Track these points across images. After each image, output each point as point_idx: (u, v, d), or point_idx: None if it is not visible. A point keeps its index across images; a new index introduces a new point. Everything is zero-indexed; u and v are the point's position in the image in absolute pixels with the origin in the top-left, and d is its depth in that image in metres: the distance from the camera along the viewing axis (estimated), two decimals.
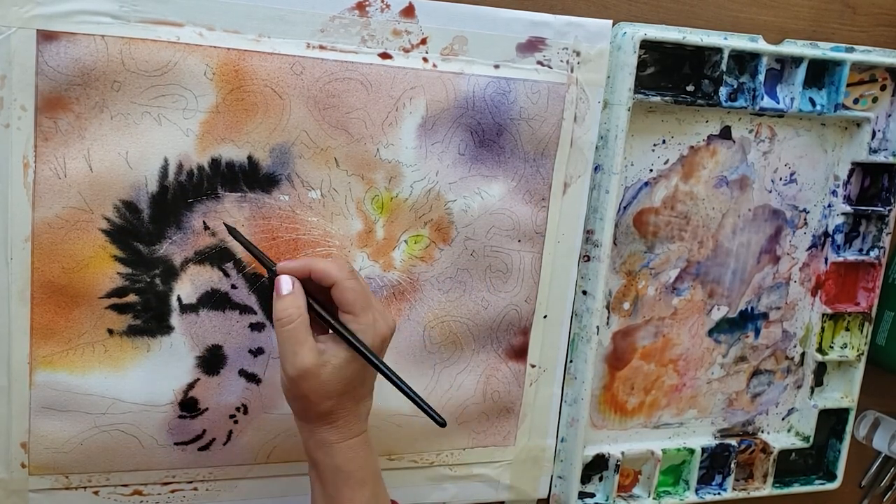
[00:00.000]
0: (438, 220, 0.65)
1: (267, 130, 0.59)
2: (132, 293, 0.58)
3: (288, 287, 0.54)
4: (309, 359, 0.52)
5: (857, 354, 0.81)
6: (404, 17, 0.61)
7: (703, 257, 0.75)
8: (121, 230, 0.57)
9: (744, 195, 0.75)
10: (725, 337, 0.78)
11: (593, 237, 0.70)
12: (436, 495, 0.71)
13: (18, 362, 0.57)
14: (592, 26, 0.66)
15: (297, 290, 0.54)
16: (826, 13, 0.75)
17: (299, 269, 0.55)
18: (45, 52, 0.54)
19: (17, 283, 0.56)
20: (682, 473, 0.80)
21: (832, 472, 0.84)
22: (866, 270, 0.81)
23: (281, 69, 0.59)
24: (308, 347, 0.52)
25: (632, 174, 0.71)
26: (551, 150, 0.67)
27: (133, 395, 0.60)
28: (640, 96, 0.68)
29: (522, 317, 0.69)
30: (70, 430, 0.59)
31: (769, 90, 0.73)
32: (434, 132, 0.63)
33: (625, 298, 0.74)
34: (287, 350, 0.53)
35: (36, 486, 0.60)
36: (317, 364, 0.52)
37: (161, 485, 0.63)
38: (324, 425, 0.54)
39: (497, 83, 0.64)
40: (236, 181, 0.59)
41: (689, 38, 0.68)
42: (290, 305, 0.53)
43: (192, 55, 0.57)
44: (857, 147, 0.77)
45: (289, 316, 0.53)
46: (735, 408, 0.81)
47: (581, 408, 0.72)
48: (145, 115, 0.57)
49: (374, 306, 0.56)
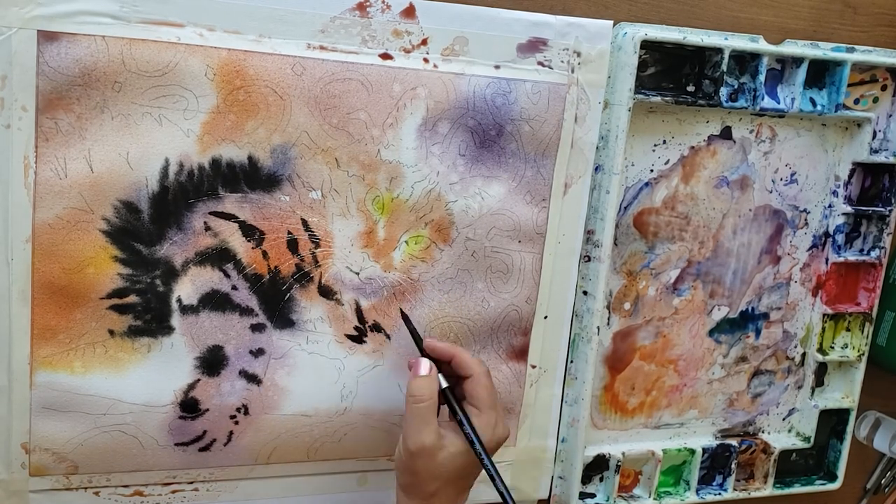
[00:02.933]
0: (439, 221, 0.65)
1: (268, 131, 0.59)
2: (133, 294, 0.58)
3: (426, 370, 0.59)
4: (430, 439, 0.56)
5: (857, 355, 0.81)
6: (405, 18, 0.61)
7: (704, 257, 0.75)
8: (121, 231, 0.57)
9: (744, 195, 0.75)
10: (726, 337, 0.78)
11: (594, 237, 0.70)
12: None
13: (19, 363, 0.57)
14: (593, 27, 0.66)
15: (433, 375, 0.59)
16: (827, 13, 0.75)
17: (444, 352, 0.61)
18: (46, 53, 0.54)
19: (17, 283, 0.56)
20: (682, 474, 0.80)
21: (833, 472, 0.84)
22: (867, 271, 0.81)
23: (281, 70, 0.59)
24: (432, 428, 0.57)
25: (632, 174, 0.71)
26: (552, 151, 0.67)
27: (133, 395, 0.60)
28: (640, 96, 0.68)
29: (523, 317, 0.69)
30: (71, 431, 0.59)
31: (770, 90, 0.73)
32: (435, 133, 0.63)
33: (625, 299, 0.74)
34: (413, 425, 0.57)
35: (36, 486, 0.60)
36: (435, 446, 0.57)
37: (162, 485, 0.63)
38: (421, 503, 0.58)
39: (498, 84, 0.64)
40: (237, 182, 0.59)
41: (689, 39, 0.68)
42: (424, 386, 0.58)
43: (192, 56, 0.57)
44: (857, 147, 0.77)
45: (422, 395, 0.57)
46: (736, 408, 0.81)
47: (582, 408, 0.72)
48: (146, 115, 0.57)
49: (499, 410, 0.60)
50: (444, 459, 0.57)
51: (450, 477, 0.58)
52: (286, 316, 0.62)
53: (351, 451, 0.67)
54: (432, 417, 0.57)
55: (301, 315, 0.63)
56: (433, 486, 0.57)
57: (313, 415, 0.65)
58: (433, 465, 0.57)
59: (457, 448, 0.57)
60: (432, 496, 0.58)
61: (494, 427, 0.59)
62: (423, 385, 0.58)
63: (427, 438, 0.56)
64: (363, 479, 0.69)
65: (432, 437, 0.56)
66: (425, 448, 0.56)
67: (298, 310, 0.63)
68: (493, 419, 0.59)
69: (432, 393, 0.58)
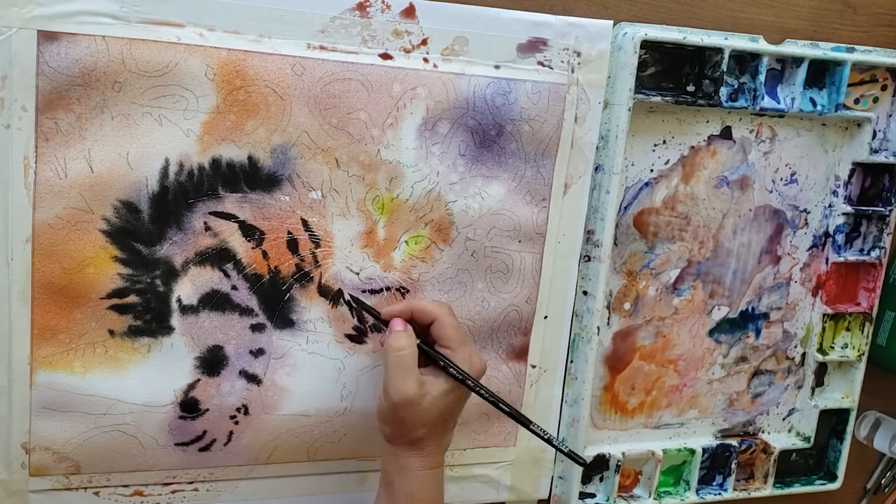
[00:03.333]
0: (439, 221, 0.65)
1: (267, 131, 0.59)
2: (133, 294, 0.58)
3: (402, 325, 0.59)
4: (413, 388, 0.57)
5: (857, 355, 0.81)
6: (405, 18, 0.61)
7: (704, 257, 0.75)
8: (121, 231, 0.57)
9: (744, 195, 0.75)
10: (726, 337, 0.78)
11: (594, 237, 0.70)
12: None
13: (19, 363, 0.57)
14: (593, 27, 0.66)
15: (409, 331, 0.59)
16: (827, 13, 0.75)
17: (404, 310, 0.61)
18: (46, 53, 0.54)
19: (17, 283, 0.56)
20: (682, 474, 0.80)
21: (833, 472, 0.84)
22: (867, 270, 0.81)
23: (281, 70, 0.59)
24: (413, 378, 0.57)
25: (632, 174, 0.71)
26: (552, 151, 0.67)
27: (133, 395, 0.60)
28: (640, 96, 0.68)
29: (523, 317, 0.69)
30: (71, 431, 0.59)
31: (770, 90, 0.73)
32: (435, 133, 0.63)
33: (625, 299, 0.74)
34: (394, 376, 0.57)
35: (36, 486, 0.60)
36: (419, 394, 0.57)
37: (162, 485, 0.63)
38: (411, 451, 0.59)
39: (498, 84, 0.64)
40: (237, 181, 0.59)
41: (689, 39, 0.68)
42: (401, 337, 0.58)
43: (192, 56, 0.57)
44: (857, 147, 0.77)
45: (400, 346, 0.58)
46: (736, 408, 0.81)
47: (581, 408, 0.72)
48: (146, 115, 0.57)
49: (470, 344, 0.60)
50: (429, 405, 0.57)
51: (434, 420, 0.58)
52: (286, 316, 0.62)
53: (351, 451, 0.67)
54: (414, 367, 0.57)
55: (301, 315, 0.63)
56: (420, 432, 0.58)
57: (313, 415, 0.65)
58: (417, 413, 0.57)
59: (439, 391, 0.58)
60: (419, 441, 0.58)
61: (471, 360, 0.59)
62: (402, 337, 0.58)
63: (410, 388, 0.57)
64: (363, 479, 0.69)
65: (415, 387, 0.57)
66: (409, 398, 0.57)
67: (298, 310, 0.63)
68: (467, 353, 0.59)
69: (411, 343, 0.58)
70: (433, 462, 0.59)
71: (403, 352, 0.58)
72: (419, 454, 0.59)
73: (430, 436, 0.59)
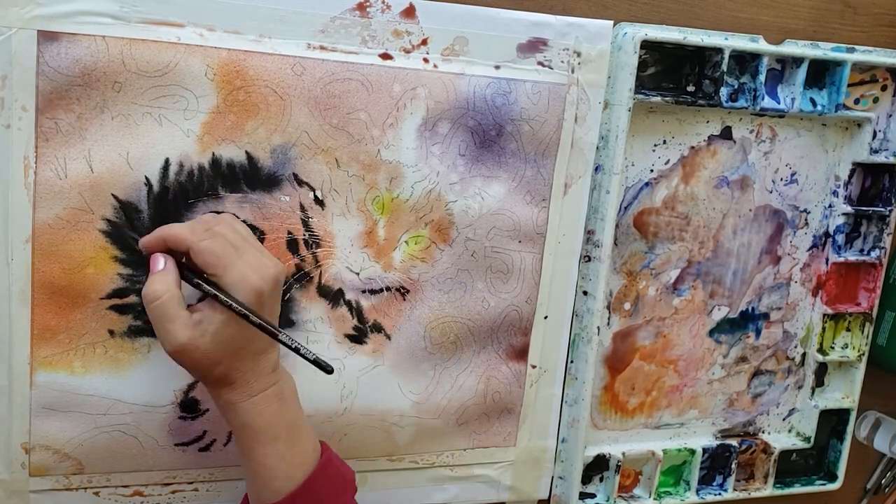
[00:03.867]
0: (439, 221, 0.65)
1: (268, 131, 0.59)
2: (133, 294, 0.58)
3: (160, 264, 0.53)
4: (183, 333, 0.51)
5: (857, 355, 0.81)
6: (405, 18, 0.61)
7: (704, 258, 0.75)
8: (121, 231, 0.57)
9: (744, 195, 0.75)
10: (726, 337, 0.78)
11: (594, 237, 0.70)
12: (437, 496, 0.71)
13: (19, 363, 0.57)
14: (593, 27, 0.66)
15: (168, 267, 0.53)
16: (827, 13, 0.75)
17: (155, 242, 0.54)
18: (46, 53, 0.54)
19: (17, 283, 0.56)
20: (682, 474, 0.80)
21: (833, 472, 0.84)
22: (867, 271, 0.81)
23: (282, 70, 0.59)
24: (181, 322, 0.51)
25: (632, 174, 0.71)
26: (552, 151, 0.67)
27: (134, 395, 0.60)
28: (640, 97, 0.68)
29: (523, 317, 0.69)
30: (71, 431, 0.59)
31: (770, 90, 0.73)
32: (435, 133, 0.63)
33: (625, 299, 0.74)
34: (160, 328, 0.52)
35: (36, 486, 0.60)
36: (192, 337, 0.51)
37: (162, 485, 0.63)
38: (223, 387, 0.53)
39: (498, 84, 0.64)
40: (237, 181, 0.59)
41: (689, 39, 0.68)
42: (156, 282, 0.52)
43: (192, 56, 0.57)
44: (857, 147, 0.77)
45: (154, 292, 0.52)
46: (736, 408, 0.81)
47: (582, 408, 0.72)
48: (146, 115, 0.57)
49: (246, 258, 0.53)
50: (212, 342, 0.52)
51: (230, 352, 0.53)
52: (286, 316, 0.62)
53: (351, 451, 0.67)
54: (178, 311, 0.51)
55: (301, 315, 0.63)
56: (219, 369, 0.53)
57: (313, 415, 0.64)
58: (203, 355, 0.52)
59: (217, 324, 0.52)
60: (225, 377, 0.53)
61: (244, 280, 0.52)
62: (155, 280, 0.52)
63: (181, 334, 0.51)
64: (363, 479, 0.69)
65: (186, 331, 0.51)
66: (184, 345, 0.51)
67: (298, 310, 0.63)
68: (237, 274, 0.52)
69: (168, 285, 0.52)
70: (254, 389, 0.54)
71: (159, 300, 0.51)
72: (233, 388, 0.53)
73: (234, 368, 0.53)
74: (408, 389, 0.67)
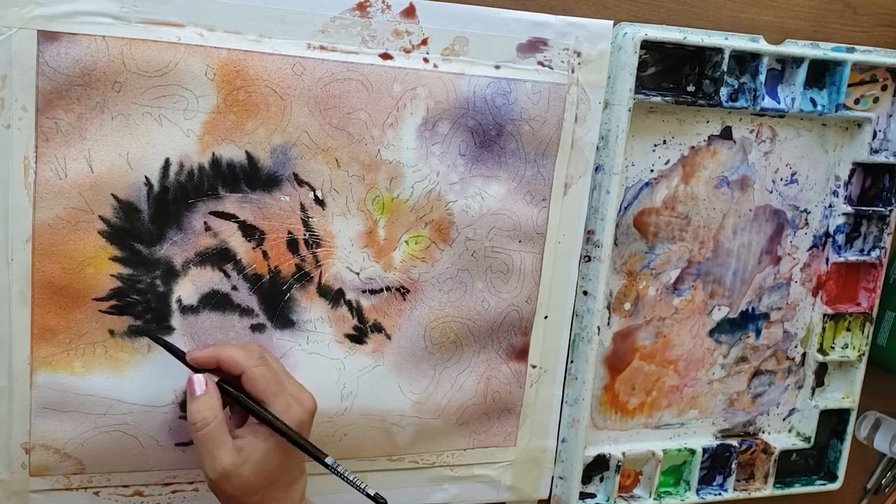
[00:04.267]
0: (439, 221, 0.65)
1: (268, 131, 0.59)
2: (133, 294, 0.58)
3: (201, 387, 0.54)
4: (228, 460, 0.52)
5: (858, 355, 0.81)
6: (405, 18, 0.61)
7: (704, 258, 0.75)
8: (121, 231, 0.57)
9: (744, 195, 0.75)
10: (726, 337, 0.78)
11: (594, 237, 0.70)
12: (437, 496, 0.71)
13: (19, 363, 0.57)
14: (593, 27, 0.66)
15: (210, 390, 0.54)
16: (827, 13, 0.75)
17: (207, 360, 0.55)
18: (46, 53, 0.54)
19: (17, 283, 0.56)
20: (682, 474, 0.80)
21: (833, 472, 0.84)
22: (867, 271, 0.81)
23: (282, 70, 0.59)
24: (226, 449, 0.52)
25: (632, 174, 0.71)
26: (552, 151, 0.67)
27: (134, 395, 0.60)
28: (640, 97, 0.68)
29: (523, 317, 0.69)
30: (71, 431, 0.59)
31: (770, 90, 0.73)
32: (435, 133, 0.63)
33: (625, 299, 0.74)
34: (205, 454, 0.53)
35: (36, 486, 0.60)
36: (236, 464, 0.52)
37: (162, 485, 0.63)
38: None
39: (498, 84, 0.64)
40: (237, 181, 0.59)
41: (689, 39, 0.68)
42: (203, 408, 0.53)
43: (192, 56, 0.57)
44: (857, 147, 0.77)
45: (203, 419, 0.53)
46: (736, 408, 0.81)
47: (582, 408, 0.72)
48: (146, 115, 0.57)
49: (288, 390, 0.56)
50: (253, 471, 0.53)
51: (268, 483, 0.54)
52: (286, 316, 0.62)
53: (351, 451, 0.67)
54: (223, 437, 0.52)
55: (301, 315, 0.63)
56: (254, 499, 0.53)
57: None
58: (244, 483, 0.52)
59: (260, 453, 0.53)
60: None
61: (288, 411, 0.54)
62: (203, 405, 0.53)
63: (226, 460, 0.52)
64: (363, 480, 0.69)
65: (230, 458, 0.52)
66: (228, 471, 0.52)
67: (298, 310, 0.63)
68: (283, 405, 0.54)
69: (215, 411, 0.53)
70: None
71: (208, 427, 0.52)
72: None
73: (270, 498, 0.54)
74: (408, 389, 0.67)
